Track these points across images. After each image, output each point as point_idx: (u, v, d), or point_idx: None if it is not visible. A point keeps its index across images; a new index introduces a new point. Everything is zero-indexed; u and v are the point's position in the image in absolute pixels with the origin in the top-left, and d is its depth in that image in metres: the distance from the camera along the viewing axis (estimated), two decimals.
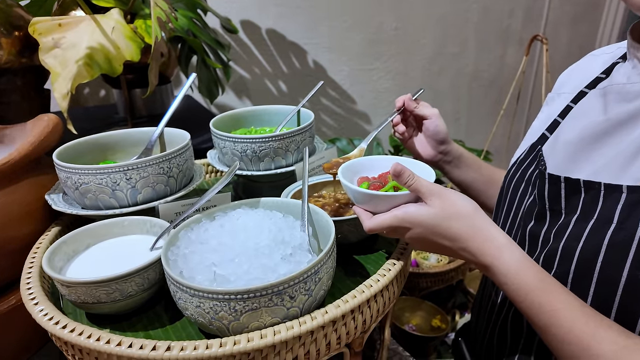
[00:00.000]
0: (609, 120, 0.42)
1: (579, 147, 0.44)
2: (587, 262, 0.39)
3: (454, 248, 0.41)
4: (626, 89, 0.42)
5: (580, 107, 0.49)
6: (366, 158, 0.54)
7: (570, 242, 0.41)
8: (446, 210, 0.40)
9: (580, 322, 0.35)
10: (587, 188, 0.41)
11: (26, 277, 0.45)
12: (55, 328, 0.37)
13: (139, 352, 0.34)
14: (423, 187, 0.41)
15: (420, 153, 0.67)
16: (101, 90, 1.29)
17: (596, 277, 0.38)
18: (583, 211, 0.41)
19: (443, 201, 0.41)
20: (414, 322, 0.93)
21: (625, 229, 0.37)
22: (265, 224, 0.45)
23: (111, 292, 0.40)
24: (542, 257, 0.44)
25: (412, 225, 0.42)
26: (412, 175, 0.42)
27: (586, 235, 0.39)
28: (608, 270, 0.38)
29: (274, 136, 0.61)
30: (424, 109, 0.65)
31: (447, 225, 0.40)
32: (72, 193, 0.52)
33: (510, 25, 1.87)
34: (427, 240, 0.42)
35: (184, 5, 0.96)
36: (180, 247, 0.43)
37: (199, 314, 0.36)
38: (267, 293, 0.35)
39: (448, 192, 0.41)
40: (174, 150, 0.54)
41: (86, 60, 0.67)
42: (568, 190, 0.43)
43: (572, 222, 0.41)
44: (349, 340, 0.41)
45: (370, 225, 0.43)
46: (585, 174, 0.42)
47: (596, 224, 0.39)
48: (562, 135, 0.48)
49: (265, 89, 1.49)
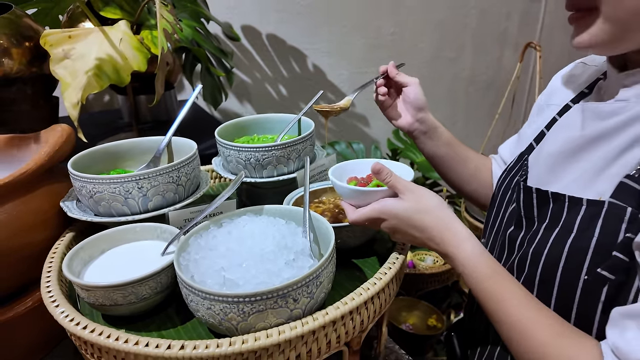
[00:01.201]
0: (584, 137, 0.45)
1: (557, 160, 0.47)
2: (551, 267, 0.42)
3: (422, 238, 0.47)
4: (600, 108, 0.45)
5: (563, 120, 0.52)
6: (357, 161, 0.60)
7: (538, 247, 0.44)
8: (418, 204, 0.46)
9: (522, 309, 0.40)
10: (555, 199, 0.44)
11: (46, 281, 0.47)
12: (76, 328, 0.40)
13: (155, 351, 0.37)
14: (399, 183, 0.47)
15: (399, 120, 0.71)
16: (105, 96, 1.32)
17: (558, 281, 0.42)
18: (551, 220, 0.44)
19: (416, 196, 0.46)
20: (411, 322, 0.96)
21: (583, 238, 0.40)
22: (270, 230, 0.49)
23: (127, 295, 0.43)
24: (516, 260, 0.48)
25: (388, 216, 0.47)
26: (390, 173, 0.48)
27: (551, 242, 0.43)
28: (567, 275, 0.41)
29: (276, 145, 0.64)
30: (405, 77, 0.69)
31: (418, 217, 0.46)
32: (87, 201, 0.55)
33: (507, 29, 1.90)
34: (401, 231, 0.48)
35: (188, 15, 0.98)
36: (191, 253, 0.46)
37: (210, 315, 0.39)
38: (273, 296, 0.38)
39: (420, 189, 0.47)
40: (183, 160, 0.57)
41: (95, 71, 0.70)
42: (539, 201, 0.47)
43: (541, 230, 0.45)
44: (348, 339, 0.44)
45: (354, 217, 0.50)
46: (558, 186, 0.45)
47: (560, 232, 0.42)
48: (545, 147, 0.51)
49: (266, 93, 1.52)
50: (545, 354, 0.38)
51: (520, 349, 0.40)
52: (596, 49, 0.43)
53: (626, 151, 0.40)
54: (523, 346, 0.39)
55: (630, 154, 0.40)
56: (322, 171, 0.71)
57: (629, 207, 0.38)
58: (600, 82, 0.51)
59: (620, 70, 0.45)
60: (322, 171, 0.71)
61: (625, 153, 0.40)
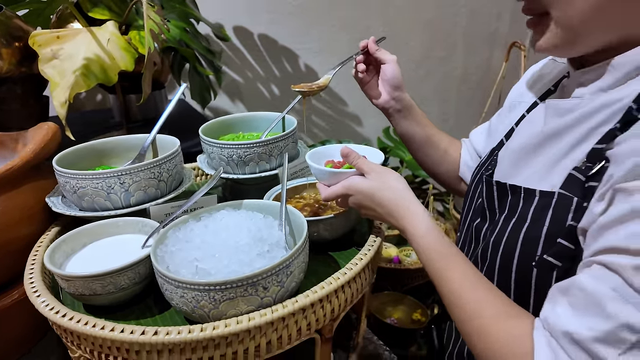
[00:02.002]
0: (543, 133, 0.47)
1: (520, 155, 0.50)
2: (508, 255, 0.45)
3: (383, 213, 0.51)
4: (559, 105, 0.47)
5: (529, 118, 0.54)
6: (334, 146, 0.65)
7: (498, 237, 0.47)
8: (380, 183, 0.50)
9: (470, 288, 0.42)
10: (512, 192, 0.47)
11: (29, 273, 0.49)
12: (55, 317, 0.42)
13: (130, 337, 0.39)
14: (365, 165, 0.52)
15: (375, 97, 0.73)
16: (97, 95, 1.33)
17: (514, 268, 0.44)
18: (509, 211, 0.47)
19: (380, 176, 0.51)
20: (396, 316, 0.98)
21: (535, 227, 0.43)
22: (246, 224, 0.50)
23: (106, 285, 0.45)
24: (479, 250, 0.50)
25: (355, 192, 0.52)
26: (357, 156, 0.53)
27: (508, 232, 0.45)
28: (523, 263, 0.43)
29: (258, 142, 0.66)
30: (384, 54, 0.71)
31: (380, 195, 0.50)
32: (71, 196, 0.57)
33: (498, 29, 1.92)
34: (365, 206, 0.52)
35: (176, 15, 1.00)
36: (168, 245, 0.47)
37: (183, 303, 0.41)
38: (243, 284, 0.40)
39: (385, 170, 0.52)
40: (165, 156, 0.59)
41: (83, 71, 0.72)
42: (499, 193, 0.50)
43: (501, 221, 0.47)
44: (319, 326, 0.46)
45: (326, 194, 0.55)
46: (519, 180, 0.48)
47: (516, 222, 0.45)
48: (511, 143, 0.54)
49: (257, 93, 1.53)
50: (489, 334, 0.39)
51: (467, 329, 0.41)
52: (553, 53, 0.45)
53: (576, 146, 0.43)
54: (470, 327, 0.41)
55: (580, 149, 0.42)
56: (304, 168, 0.73)
57: (575, 197, 0.40)
58: (564, 80, 0.52)
59: (578, 68, 0.46)
60: (304, 168, 0.73)
61: (576, 148, 0.43)
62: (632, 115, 0.38)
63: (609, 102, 0.41)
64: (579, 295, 0.34)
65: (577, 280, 0.35)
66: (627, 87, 0.41)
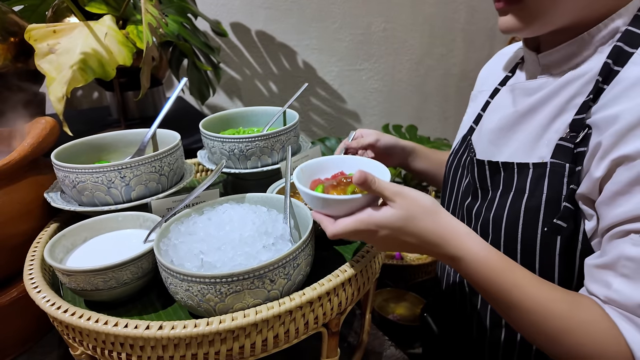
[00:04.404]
0: (517, 112, 0.51)
1: (498, 135, 0.53)
2: (512, 226, 0.47)
3: (420, 244, 0.42)
4: (526, 85, 0.52)
5: (496, 102, 0.59)
6: (316, 160, 0.52)
7: (498, 211, 0.49)
8: (411, 210, 0.41)
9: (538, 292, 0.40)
10: (505, 168, 0.50)
11: (28, 269, 0.48)
12: (57, 312, 0.40)
13: (134, 332, 0.38)
14: (386, 189, 0.41)
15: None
16: (94, 93, 1.32)
17: (520, 237, 0.47)
18: (504, 186, 0.50)
19: (406, 201, 0.41)
20: (398, 312, 0.97)
21: (535, 196, 0.46)
22: (250, 217, 0.49)
23: (108, 280, 0.44)
24: (478, 227, 0.52)
25: (379, 227, 0.41)
26: (374, 179, 0.41)
27: (509, 204, 0.48)
28: (527, 230, 0.46)
29: (259, 136, 0.65)
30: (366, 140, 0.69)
31: (414, 224, 0.41)
32: (70, 191, 0.55)
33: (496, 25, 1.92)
34: (394, 241, 0.42)
35: (174, 10, 0.99)
36: (171, 238, 0.46)
37: (188, 297, 0.40)
38: (249, 277, 0.39)
39: (409, 191, 0.42)
40: (165, 150, 0.58)
41: (80, 65, 0.71)
42: (491, 171, 0.52)
43: (497, 197, 0.50)
44: (326, 320, 0.45)
45: (335, 230, 0.42)
46: (504, 157, 0.51)
47: (515, 195, 0.48)
48: (484, 125, 0.58)
49: (255, 90, 1.53)
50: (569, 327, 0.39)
51: (540, 329, 0.40)
52: (520, 33, 0.48)
53: (555, 118, 0.47)
54: (544, 326, 0.40)
55: (559, 120, 0.47)
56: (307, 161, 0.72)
57: (566, 164, 0.44)
58: (519, 65, 0.59)
59: (535, 50, 0.52)
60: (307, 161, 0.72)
61: (556, 120, 0.47)
62: (599, 87, 0.43)
63: (576, 76, 0.46)
64: (630, 266, 0.37)
65: (622, 253, 0.38)
66: (589, 61, 0.46)
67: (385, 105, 1.77)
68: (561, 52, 0.48)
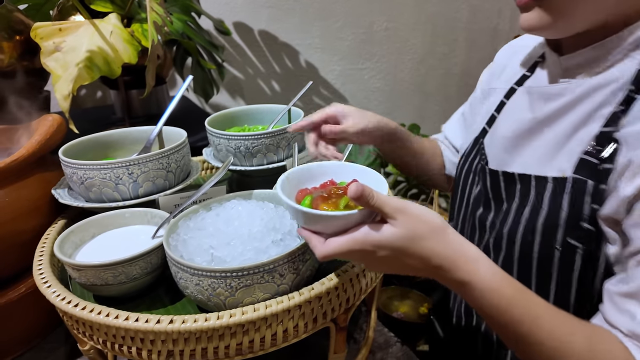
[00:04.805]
0: (536, 119, 0.47)
1: (513, 142, 0.50)
2: (528, 243, 0.44)
3: (424, 267, 0.36)
4: (546, 90, 0.47)
5: (512, 103, 0.54)
6: (304, 167, 0.46)
7: (513, 226, 0.46)
8: (415, 229, 0.35)
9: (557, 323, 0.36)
10: (521, 180, 0.46)
11: (38, 264, 0.48)
12: (68, 307, 0.41)
13: (145, 325, 0.38)
14: (386, 205, 0.35)
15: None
16: (98, 92, 1.32)
17: (536, 255, 0.44)
18: (520, 200, 0.46)
19: (410, 219, 0.35)
20: (402, 310, 0.97)
21: (553, 213, 0.42)
22: (258, 213, 0.50)
23: (118, 275, 0.44)
24: (491, 240, 0.49)
25: (376, 247, 0.36)
26: (372, 194, 0.35)
27: (525, 220, 0.45)
28: (544, 248, 0.43)
29: (265, 133, 0.65)
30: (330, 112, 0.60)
31: (419, 245, 0.35)
32: (78, 187, 0.56)
33: (499, 25, 1.92)
34: (393, 262, 0.37)
35: (178, 9, 0.99)
36: (180, 234, 0.47)
37: (198, 291, 0.40)
38: (260, 271, 0.39)
39: (413, 208, 0.36)
40: (172, 147, 0.58)
41: (86, 63, 0.71)
42: (506, 182, 0.48)
43: (512, 210, 0.47)
44: (334, 315, 0.45)
45: (326, 251, 0.37)
46: (518, 166, 0.48)
47: (531, 210, 0.44)
48: (498, 129, 0.54)
49: (258, 89, 1.53)
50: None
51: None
52: (542, 33, 0.45)
53: (578, 129, 0.43)
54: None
55: (583, 131, 0.42)
56: (311, 159, 0.73)
57: (589, 180, 0.40)
58: (539, 64, 0.53)
59: (556, 51, 0.47)
60: (311, 159, 0.73)
61: (579, 130, 0.43)
62: (631, 97, 0.39)
63: (603, 83, 0.41)
64: None
65: None
66: (618, 67, 0.41)
67: (387, 104, 1.77)
68: (586, 55, 0.43)
